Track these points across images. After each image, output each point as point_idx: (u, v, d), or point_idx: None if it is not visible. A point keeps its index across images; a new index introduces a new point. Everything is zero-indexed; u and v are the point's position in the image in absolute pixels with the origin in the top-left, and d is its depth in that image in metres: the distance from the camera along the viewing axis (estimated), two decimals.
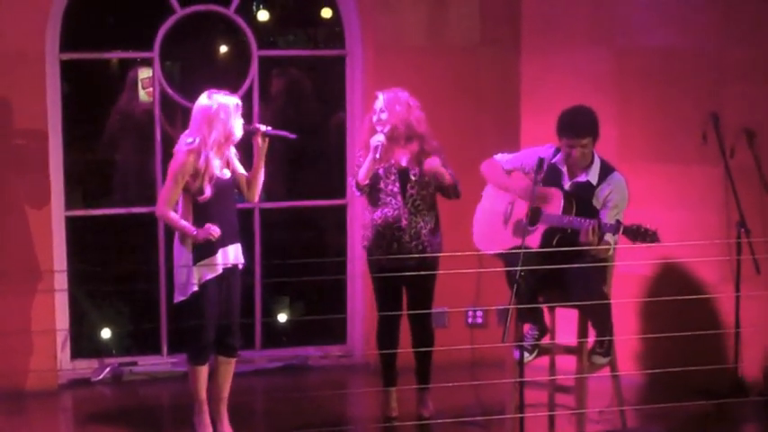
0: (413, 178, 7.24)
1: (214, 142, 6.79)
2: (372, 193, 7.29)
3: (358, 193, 7.36)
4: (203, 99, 6.86)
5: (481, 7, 8.54)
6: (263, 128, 6.95)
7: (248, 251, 7.10)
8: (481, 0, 8.55)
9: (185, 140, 6.85)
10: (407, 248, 7.24)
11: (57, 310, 8.13)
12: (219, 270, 6.85)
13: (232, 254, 6.93)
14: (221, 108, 6.80)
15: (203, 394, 7.02)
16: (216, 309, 6.90)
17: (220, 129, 6.79)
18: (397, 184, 7.26)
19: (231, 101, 6.86)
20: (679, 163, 8.00)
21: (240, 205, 7.71)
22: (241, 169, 7.02)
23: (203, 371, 6.98)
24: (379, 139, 7.17)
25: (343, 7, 8.57)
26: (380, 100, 7.27)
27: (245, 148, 7.14)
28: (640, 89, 8.15)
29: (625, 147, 7.93)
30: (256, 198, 7.12)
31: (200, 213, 6.85)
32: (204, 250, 6.83)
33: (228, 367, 7.08)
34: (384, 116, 7.23)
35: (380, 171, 7.27)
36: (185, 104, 8.21)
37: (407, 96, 7.29)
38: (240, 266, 7.03)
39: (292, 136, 7.09)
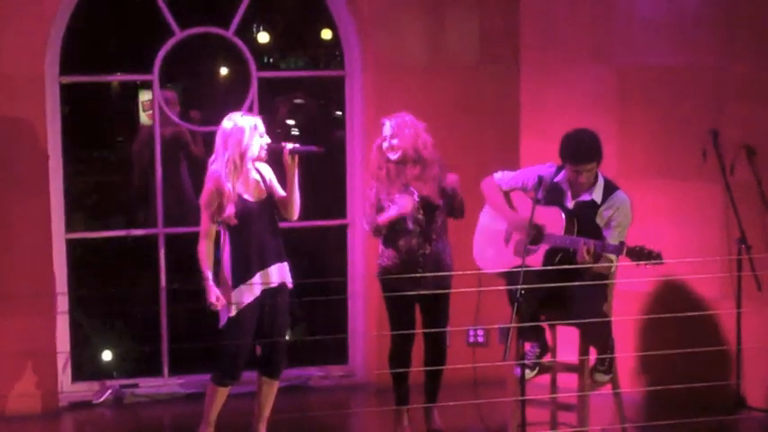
0: (438, 206, 7.17)
1: (229, 161, 6.77)
2: (395, 222, 7.18)
3: (375, 235, 7.24)
4: (223, 122, 6.86)
5: (480, 26, 8.55)
6: (289, 146, 6.86)
7: None
8: (480, 19, 8.55)
9: (210, 166, 6.87)
10: (428, 272, 7.18)
11: (58, 332, 8.12)
12: (257, 293, 6.86)
13: (274, 274, 6.92)
14: (236, 128, 6.79)
15: (214, 416, 7.03)
16: (251, 334, 6.93)
17: (235, 148, 6.76)
18: (422, 212, 7.17)
19: (248, 120, 6.83)
20: (679, 180, 8.00)
21: None
22: (279, 189, 6.98)
23: (224, 393, 7.00)
24: (406, 205, 7.09)
25: (343, 28, 8.57)
26: (388, 126, 7.18)
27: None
28: (640, 106, 8.14)
29: (625, 164, 7.93)
30: (295, 217, 7.02)
31: (235, 237, 6.85)
32: (242, 275, 6.83)
33: (272, 388, 7.12)
34: (395, 141, 7.15)
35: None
36: (187, 126, 8.31)
37: (413, 120, 7.21)
38: (289, 285, 7.01)
39: (319, 149, 7.01)
